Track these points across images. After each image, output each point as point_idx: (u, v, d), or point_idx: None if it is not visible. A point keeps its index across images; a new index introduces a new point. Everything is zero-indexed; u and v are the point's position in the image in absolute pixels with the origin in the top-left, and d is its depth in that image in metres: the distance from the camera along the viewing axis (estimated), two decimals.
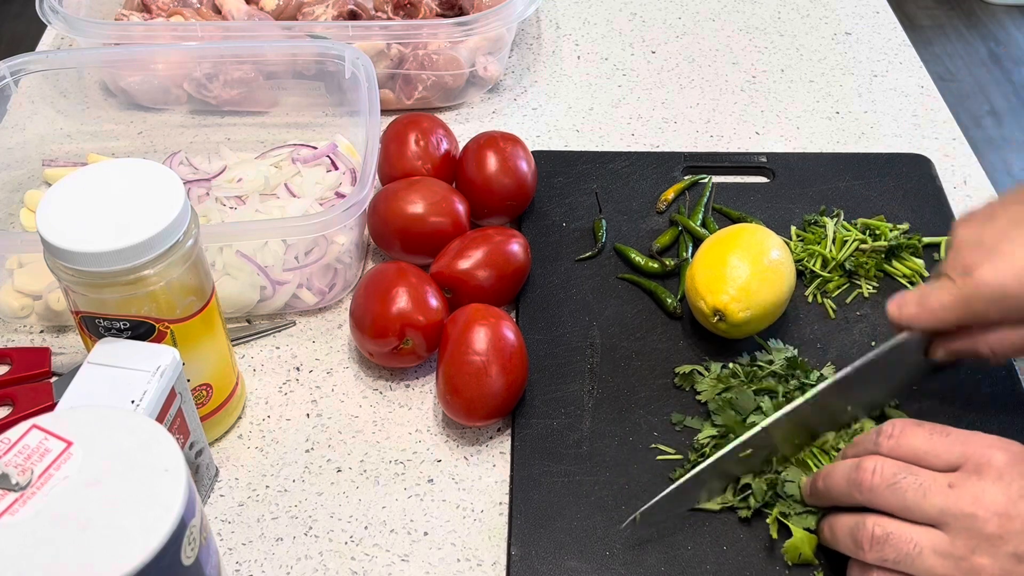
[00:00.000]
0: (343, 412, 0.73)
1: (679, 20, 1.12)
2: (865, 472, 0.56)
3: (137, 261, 0.57)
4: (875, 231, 0.82)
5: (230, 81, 0.93)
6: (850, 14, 1.12)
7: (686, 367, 0.73)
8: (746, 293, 0.71)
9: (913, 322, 0.64)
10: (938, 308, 0.63)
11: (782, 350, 0.72)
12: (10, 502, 0.46)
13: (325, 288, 0.79)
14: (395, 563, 0.64)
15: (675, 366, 0.74)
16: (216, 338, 0.66)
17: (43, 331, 0.79)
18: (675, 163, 0.90)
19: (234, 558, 0.65)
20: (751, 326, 0.72)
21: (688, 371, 0.73)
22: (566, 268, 0.81)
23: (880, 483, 0.56)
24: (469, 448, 0.71)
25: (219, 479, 0.69)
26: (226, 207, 0.82)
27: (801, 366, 0.71)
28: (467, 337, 0.69)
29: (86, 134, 0.95)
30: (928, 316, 0.64)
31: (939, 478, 0.55)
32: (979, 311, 0.62)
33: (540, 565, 0.63)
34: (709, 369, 0.73)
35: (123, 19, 0.97)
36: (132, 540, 0.45)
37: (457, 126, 0.96)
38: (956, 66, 2.69)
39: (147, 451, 0.48)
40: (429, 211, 0.78)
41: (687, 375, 0.73)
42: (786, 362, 0.71)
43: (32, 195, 0.85)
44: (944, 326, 0.64)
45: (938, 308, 0.63)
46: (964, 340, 0.64)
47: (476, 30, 0.91)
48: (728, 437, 0.66)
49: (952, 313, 0.63)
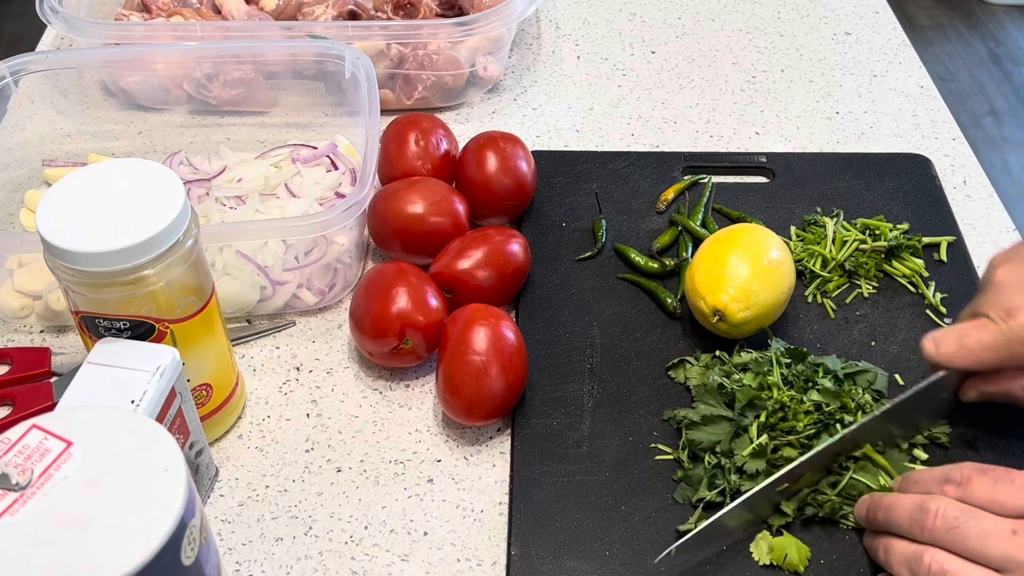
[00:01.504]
0: (343, 412, 0.73)
1: (679, 20, 1.12)
2: (928, 514, 0.56)
3: (137, 261, 0.57)
4: (875, 231, 0.82)
5: (230, 81, 0.93)
6: (850, 14, 1.12)
7: (677, 360, 0.73)
8: (746, 293, 0.71)
9: (950, 361, 0.63)
10: (978, 349, 0.62)
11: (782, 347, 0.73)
12: (10, 502, 0.46)
13: (325, 288, 0.79)
14: (395, 563, 0.64)
15: None
16: (216, 338, 0.66)
17: (43, 331, 0.79)
18: (675, 163, 0.90)
19: (234, 558, 0.65)
20: (751, 326, 0.72)
21: (678, 361, 0.73)
22: (566, 268, 0.81)
23: (942, 526, 0.55)
24: (469, 448, 0.71)
25: (219, 479, 0.69)
26: (226, 207, 0.82)
27: (803, 355, 0.71)
28: (467, 337, 0.69)
29: (86, 134, 0.95)
30: (967, 356, 0.63)
31: (1002, 524, 0.54)
32: (1020, 354, 0.61)
33: (540, 565, 0.63)
34: (699, 359, 0.73)
35: (123, 19, 0.97)
36: (132, 540, 0.45)
37: (457, 126, 0.96)
38: (956, 66, 2.69)
39: (147, 451, 0.48)
40: (429, 211, 0.78)
41: (677, 365, 0.73)
42: (786, 351, 0.71)
43: (32, 195, 0.85)
44: (983, 367, 0.63)
45: (978, 349, 0.62)
46: (999, 382, 0.64)
47: (476, 30, 0.91)
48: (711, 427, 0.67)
49: (993, 354, 0.62)
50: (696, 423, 0.68)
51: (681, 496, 0.66)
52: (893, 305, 0.78)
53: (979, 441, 0.69)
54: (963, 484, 0.57)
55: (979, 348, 0.62)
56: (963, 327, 0.64)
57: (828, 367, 0.70)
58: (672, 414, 0.70)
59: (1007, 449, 0.68)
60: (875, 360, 0.74)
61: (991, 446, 0.69)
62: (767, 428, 0.66)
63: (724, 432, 0.67)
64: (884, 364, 0.74)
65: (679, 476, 0.67)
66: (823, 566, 0.63)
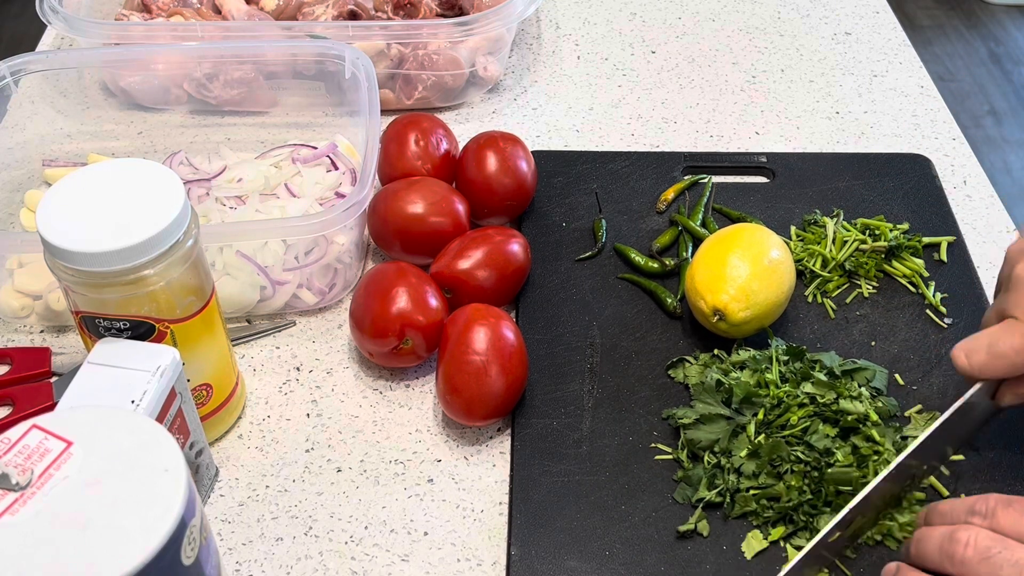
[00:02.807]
0: (343, 412, 0.73)
1: (679, 20, 1.12)
2: (959, 544, 0.55)
3: (137, 261, 0.57)
4: (875, 231, 0.82)
5: (230, 81, 0.93)
6: (850, 14, 1.12)
7: (676, 359, 0.74)
8: (746, 293, 0.71)
9: (985, 371, 0.61)
10: (1012, 353, 0.60)
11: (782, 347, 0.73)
12: (10, 502, 0.46)
13: (325, 288, 0.79)
14: (395, 563, 0.64)
15: None
16: (216, 338, 0.66)
17: (43, 331, 0.79)
18: (675, 163, 0.90)
19: (234, 558, 0.65)
20: (751, 326, 0.72)
21: (677, 360, 0.73)
22: (566, 268, 0.81)
23: (975, 556, 0.54)
24: (469, 448, 0.71)
25: (219, 479, 0.69)
26: (226, 207, 0.82)
27: (801, 352, 0.71)
28: (467, 337, 0.69)
29: (86, 134, 0.95)
30: (1002, 363, 0.61)
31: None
32: None
33: (540, 565, 0.63)
34: (698, 358, 0.73)
35: (123, 19, 0.97)
36: (132, 540, 0.45)
37: (457, 126, 0.96)
38: (956, 66, 2.69)
39: (147, 451, 0.48)
40: (429, 211, 0.78)
41: (676, 364, 0.73)
42: (786, 349, 0.71)
43: (32, 195, 0.85)
44: (1019, 372, 0.61)
45: (1012, 353, 0.60)
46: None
47: (476, 30, 0.91)
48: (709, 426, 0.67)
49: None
50: (694, 422, 0.68)
51: (681, 496, 0.66)
52: (893, 305, 0.78)
53: (979, 441, 0.69)
54: (989, 516, 0.55)
55: (1012, 353, 0.60)
56: (992, 333, 0.61)
57: (825, 363, 0.70)
58: (671, 412, 0.70)
59: (1007, 449, 0.68)
60: (875, 360, 0.74)
61: (992, 446, 0.69)
62: (764, 426, 0.66)
63: (722, 431, 0.67)
64: (884, 364, 0.74)
65: (679, 476, 0.67)
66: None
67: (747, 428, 0.66)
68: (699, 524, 0.64)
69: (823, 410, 0.66)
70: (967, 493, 0.66)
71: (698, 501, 0.65)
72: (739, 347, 0.73)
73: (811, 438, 0.65)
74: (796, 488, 0.64)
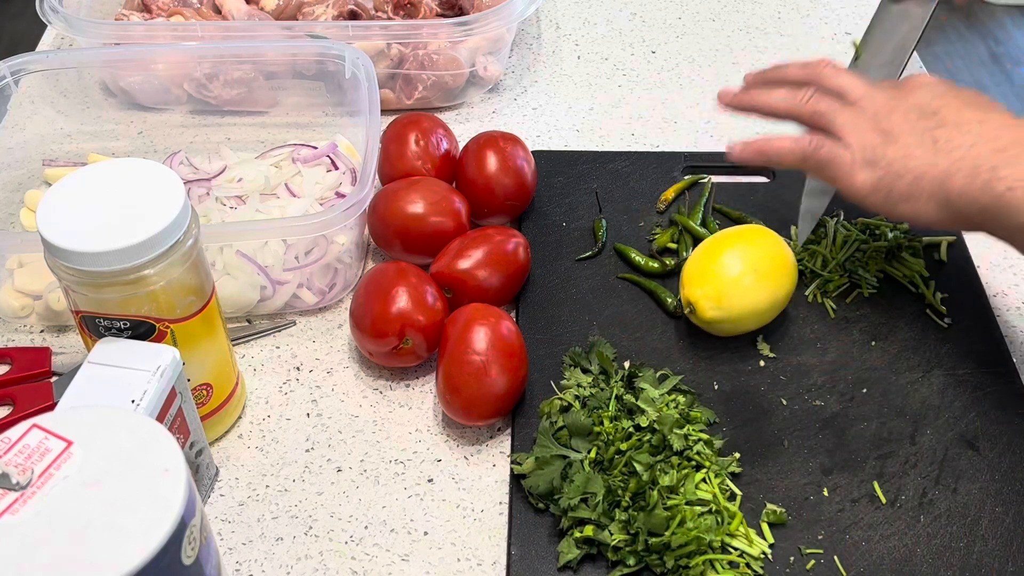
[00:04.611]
0: (343, 412, 0.73)
1: (679, 20, 1.12)
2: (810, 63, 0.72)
3: (137, 261, 0.57)
4: (875, 231, 0.82)
5: (230, 81, 0.93)
6: (850, 14, 1.12)
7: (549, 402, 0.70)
8: (721, 295, 0.71)
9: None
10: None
11: (669, 378, 0.71)
12: (10, 502, 0.46)
13: (325, 288, 0.79)
14: (395, 563, 0.64)
15: (675, 365, 0.74)
16: (216, 338, 0.66)
17: (43, 331, 0.79)
18: (675, 163, 0.90)
19: (234, 558, 0.65)
20: (725, 327, 0.73)
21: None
22: (566, 268, 0.81)
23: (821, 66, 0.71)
24: (469, 448, 0.71)
25: (219, 479, 0.69)
26: (226, 207, 0.82)
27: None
28: (467, 337, 0.69)
29: (86, 134, 0.95)
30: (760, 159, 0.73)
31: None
32: None
33: (540, 565, 0.63)
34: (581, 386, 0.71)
35: (123, 19, 0.97)
36: (132, 540, 0.45)
37: (457, 126, 0.96)
38: (956, 66, 2.69)
39: (147, 451, 0.48)
40: (429, 211, 0.78)
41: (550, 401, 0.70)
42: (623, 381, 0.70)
43: (32, 195, 0.85)
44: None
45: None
46: None
47: (476, 30, 0.91)
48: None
49: None
50: (530, 471, 0.65)
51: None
52: (893, 305, 0.78)
53: (979, 441, 0.69)
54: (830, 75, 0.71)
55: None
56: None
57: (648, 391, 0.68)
58: (514, 457, 0.67)
59: (1008, 448, 0.68)
60: (875, 360, 0.74)
61: (992, 446, 0.69)
62: (597, 464, 0.65)
63: (556, 473, 0.64)
64: (884, 364, 0.74)
65: None
66: None
67: (581, 464, 0.64)
68: None
69: (643, 434, 0.65)
70: (967, 493, 0.66)
71: None
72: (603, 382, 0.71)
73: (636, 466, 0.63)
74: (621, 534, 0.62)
